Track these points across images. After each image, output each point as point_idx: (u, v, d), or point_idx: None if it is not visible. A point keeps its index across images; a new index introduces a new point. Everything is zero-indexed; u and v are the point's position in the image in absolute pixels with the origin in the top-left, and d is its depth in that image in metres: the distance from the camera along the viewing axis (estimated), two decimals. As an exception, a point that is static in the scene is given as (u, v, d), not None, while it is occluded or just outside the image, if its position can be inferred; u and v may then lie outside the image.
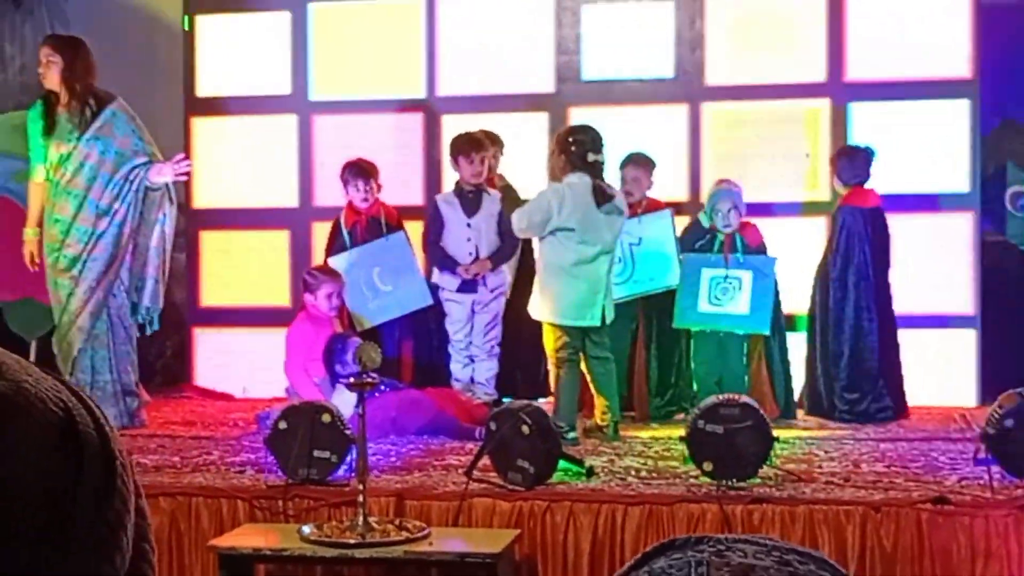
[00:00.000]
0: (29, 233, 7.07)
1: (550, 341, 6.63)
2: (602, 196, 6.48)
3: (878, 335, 7.36)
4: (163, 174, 7.08)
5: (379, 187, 7.65)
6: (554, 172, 6.60)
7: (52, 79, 6.96)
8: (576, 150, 6.49)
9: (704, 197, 8.02)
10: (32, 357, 8.54)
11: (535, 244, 6.81)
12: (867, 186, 7.44)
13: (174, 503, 5.41)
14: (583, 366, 6.66)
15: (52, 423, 0.92)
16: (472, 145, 7.39)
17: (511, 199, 7.36)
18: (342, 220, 7.70)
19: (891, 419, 7.30)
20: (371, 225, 7.63)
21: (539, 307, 6.61)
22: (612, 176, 7.43)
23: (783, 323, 7.48)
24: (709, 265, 7.23)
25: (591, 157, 6.47)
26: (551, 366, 6.70)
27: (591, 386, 6.76)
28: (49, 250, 7.03)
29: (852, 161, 7.45)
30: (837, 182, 7.53)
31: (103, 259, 7.01)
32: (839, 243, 7.37)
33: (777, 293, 7.35)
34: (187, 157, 7.51)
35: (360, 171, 7.60)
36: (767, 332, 7.22)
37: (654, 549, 0.97)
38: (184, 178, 7.41)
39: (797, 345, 7.63)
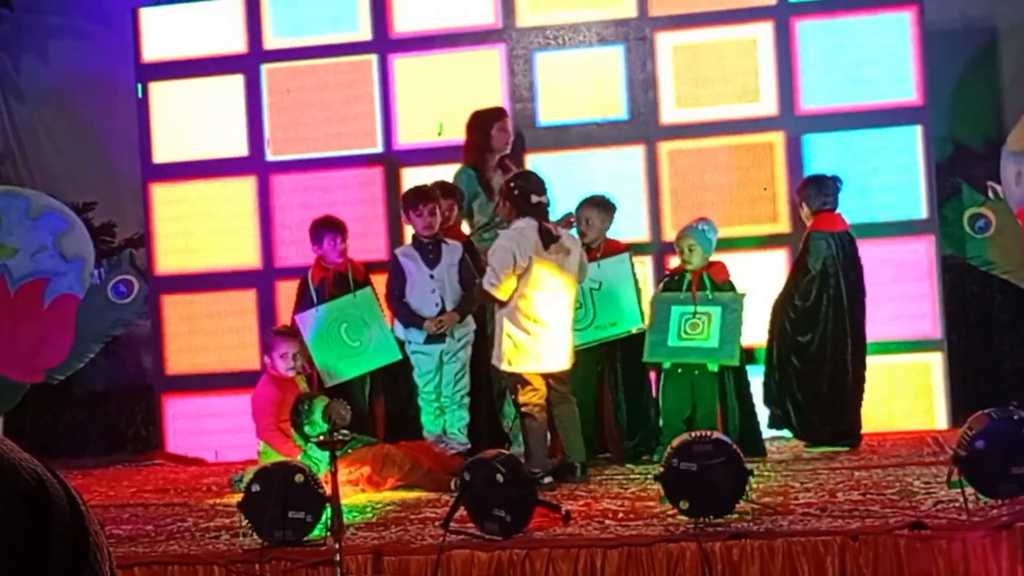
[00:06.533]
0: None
1: (517, 389, 6.65)
2: (548, 237, 6.54)
3: (852, 361, 7.38)
4: None
5: (347, 244, 7.71)
6: (508, 221, 6.69)
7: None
8: (519, 194, 6.59)
9: (667, 236, 8.07)
10: (-1, 432, 8.47)
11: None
12: (835, 212, 7.49)
13: (149, 573, 5.35)
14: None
15: (23, 491, 0.91)
16: (419, 198, 7.40)
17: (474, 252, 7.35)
18: (309, 277, 7.71)
19: (854, 446, 7.32)
20: (338, 281, 7.64)
21: (507, 358, 6.61)
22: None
23: (743, 359, 7.47)
24: (679, 303, 7.26)
25: (534, 199, 6.57)
26: (519, 414, 6.74)
27: (557, 429, 6.79)
28: None
29: (820, 188, 7.49)
30: (805, 210, 7.55)
31: None
32: (811, 268, 7.39)
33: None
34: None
35: (333, 226, 7.64)
36: (736, 363, 7.23)
37: None
38: None
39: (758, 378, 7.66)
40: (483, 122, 7.84)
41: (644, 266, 8.05)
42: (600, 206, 7.51)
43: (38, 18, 10.33)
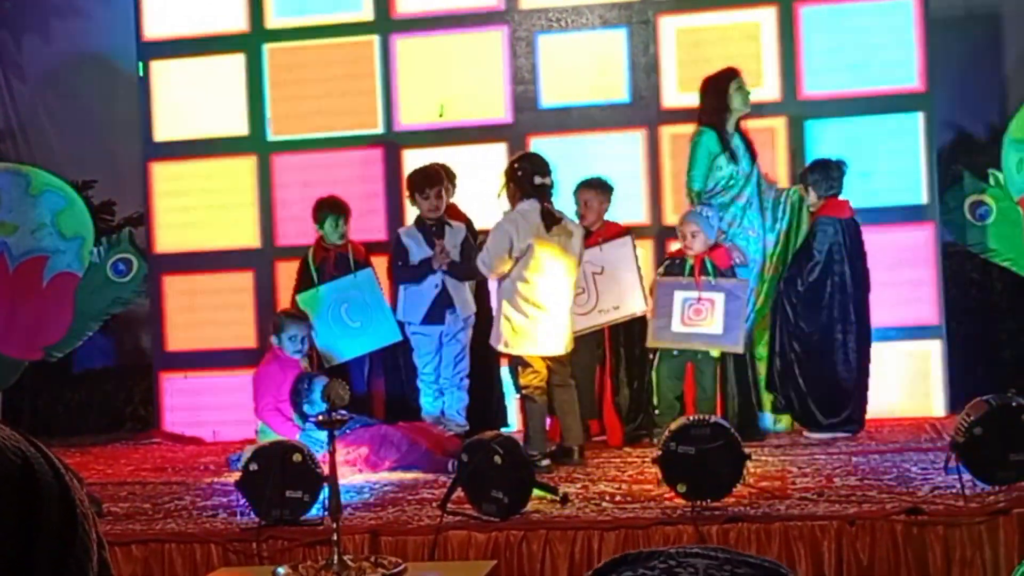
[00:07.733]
0: None
1: (518, 372, 6.65)
2: (550, 219, 6.53)
3: (856, 347, 7.36)
4: None
5: (349, 225, 7.71)
6: (512, 203, 6.66)
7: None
8: (523, 175, 6.58)
9: (667, 220, 8.05)
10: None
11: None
12: (841, 197, 7.47)
13: (147, 550, 5.36)
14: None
15: (8, 472, 0.91)
16: (426, 181, 7.39)
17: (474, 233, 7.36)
18: (310, 257, 7.70)
19: (855, 432, 7.31)
20: (339, 261, 7.65)
21: (505, 340, 6.61)
22: (567, 201, 7.42)
23: (749, 345, 7.46)
24: (682, 288, 7.23)
25: (538, 180, 6.55)
26: (519, 396, 6.74)
27: (556, 412, 6.79)
28: None
29: (826, 174, 7.46)
30: (812, 195, 7.52)
31: None
32: (816, 253, 7.37)
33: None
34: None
35: (336, 207, 7.64)
36: (740, 350, 7.22)
37: (605, 565, 0.96)
38: None
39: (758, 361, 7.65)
40: (720, 83, 7.56)
41: (644, 250, 8.02)
42: (598, 188, 7.50)
43: (40, -4, 10.32)
